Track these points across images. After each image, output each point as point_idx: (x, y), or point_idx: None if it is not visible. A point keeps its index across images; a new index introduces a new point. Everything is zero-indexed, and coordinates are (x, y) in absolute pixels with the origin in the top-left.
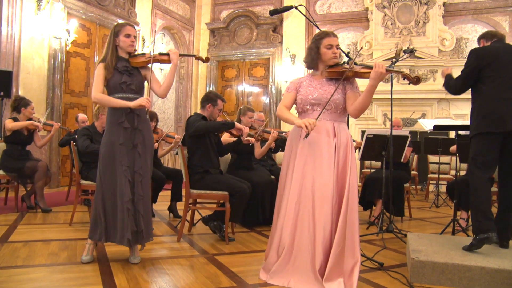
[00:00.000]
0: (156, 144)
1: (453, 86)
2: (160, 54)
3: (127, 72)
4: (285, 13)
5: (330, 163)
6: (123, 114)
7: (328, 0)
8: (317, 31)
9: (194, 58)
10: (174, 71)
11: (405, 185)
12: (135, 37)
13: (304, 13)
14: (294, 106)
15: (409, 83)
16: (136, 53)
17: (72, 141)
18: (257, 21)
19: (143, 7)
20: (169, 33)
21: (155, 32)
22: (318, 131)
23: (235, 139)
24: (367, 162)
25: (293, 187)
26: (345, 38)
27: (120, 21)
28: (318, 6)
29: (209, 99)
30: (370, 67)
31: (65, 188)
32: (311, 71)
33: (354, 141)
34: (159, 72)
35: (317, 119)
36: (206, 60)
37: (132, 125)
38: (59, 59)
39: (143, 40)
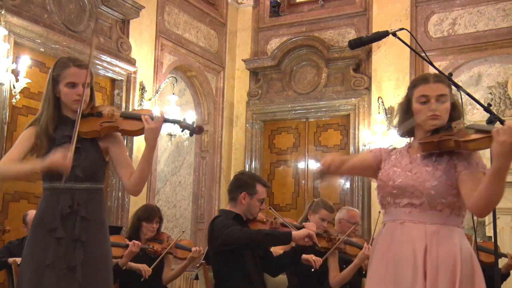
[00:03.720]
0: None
1: None
2: (127, 117)
3: None
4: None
5: None
6: (57, 215)
7: (451, 14)
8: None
9: (179, 126)
10: (151, 154)
11: None
12: (87, 85)
13: (408, 41)
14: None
15: None
16: (93, 110)
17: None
18: (328, 54)
19: (141, 35)
20: (185, 77)
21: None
22: (393, 243)
23: None
24: None
25: None
26: (484, 77)
27: (105, 58)
28: (433, 25)
29: (243, 184)
30: (487, 132)
31: None
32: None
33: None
34: (167, 140)
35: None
36: (197, 131)
37: (70, 234)
38: None
39: (142, 88)
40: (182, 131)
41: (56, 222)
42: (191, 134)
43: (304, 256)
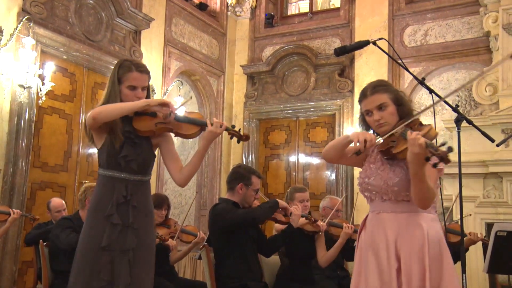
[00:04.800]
0: (173, 245)
1: None
2: (181, 120)
3: (129, 141)
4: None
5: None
6: (113, 203)
7: (423, 26)
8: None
9: (228, 133)
10: (205, 152)
11: None
12: (144, 88)
13: (386, 49)
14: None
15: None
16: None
17: (42, 239)
18: (316, 61)
19: (151, 43)
20: (189, 80)
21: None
22: (373, 231)
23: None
24: (502, 277)
25: None
26: (452, 81)
27: None
28: (408, 36)
29: (240, 176)
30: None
31: None
32: None
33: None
34: (173, 136)
35: (384, 136)
36: (244, 139)
37: (124, 221)
38: (27, 118)
39: (152, 91)
40: (231, 138)
41: (112, 209)
42: (238, 141)
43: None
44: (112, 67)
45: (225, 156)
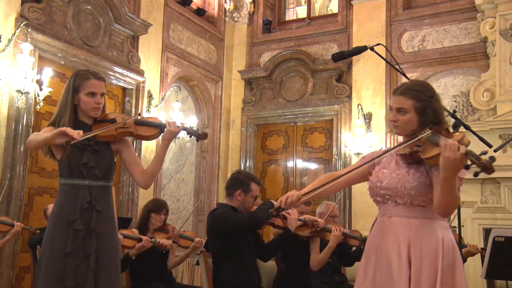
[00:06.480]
0: (169, 244)
1: None
2: (140, 123)
3: (89, 148)
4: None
5: None
6: (76, 209)
7: (421, 32)
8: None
9: (187, 132)
10: (164, 152)
11: None
12: (103, 95)
13: (384, 55)
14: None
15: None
16: (107, 117)
17: (39, 245)
18: (314, 66)
19: (149, 49)
20: (187, 86)
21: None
22: (383, 235)
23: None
24: (500, 283)
25: None
26: (450, 87)
27: (117, 69)
28: (405, 41)
29: (239, 182)
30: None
31: None
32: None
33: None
34: (172, 142)
35: (304, 195)
36: (202, 137)
37: (88, 226)
38: (24, 123)
39: (149, 96)
40: (190, 137)
41: (75, 215)
42: (197, 140)
43: (310, 217)
44: (110, 72)
45: (223, 161)
